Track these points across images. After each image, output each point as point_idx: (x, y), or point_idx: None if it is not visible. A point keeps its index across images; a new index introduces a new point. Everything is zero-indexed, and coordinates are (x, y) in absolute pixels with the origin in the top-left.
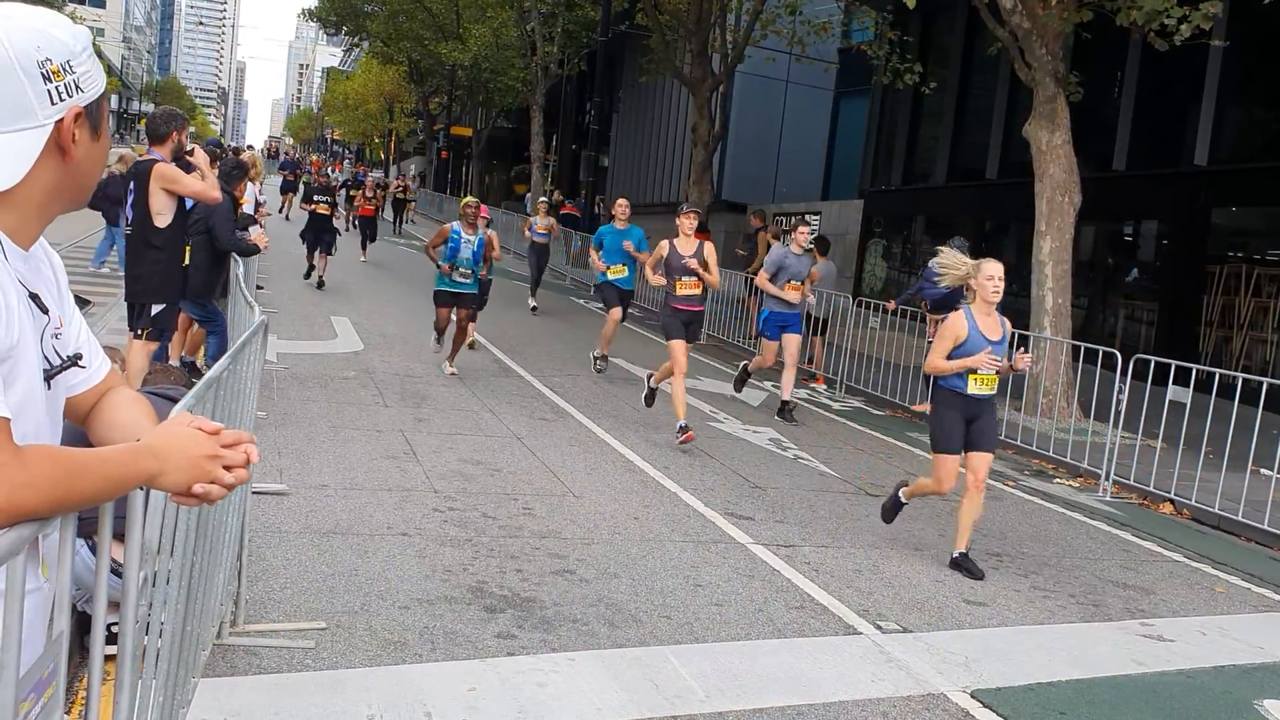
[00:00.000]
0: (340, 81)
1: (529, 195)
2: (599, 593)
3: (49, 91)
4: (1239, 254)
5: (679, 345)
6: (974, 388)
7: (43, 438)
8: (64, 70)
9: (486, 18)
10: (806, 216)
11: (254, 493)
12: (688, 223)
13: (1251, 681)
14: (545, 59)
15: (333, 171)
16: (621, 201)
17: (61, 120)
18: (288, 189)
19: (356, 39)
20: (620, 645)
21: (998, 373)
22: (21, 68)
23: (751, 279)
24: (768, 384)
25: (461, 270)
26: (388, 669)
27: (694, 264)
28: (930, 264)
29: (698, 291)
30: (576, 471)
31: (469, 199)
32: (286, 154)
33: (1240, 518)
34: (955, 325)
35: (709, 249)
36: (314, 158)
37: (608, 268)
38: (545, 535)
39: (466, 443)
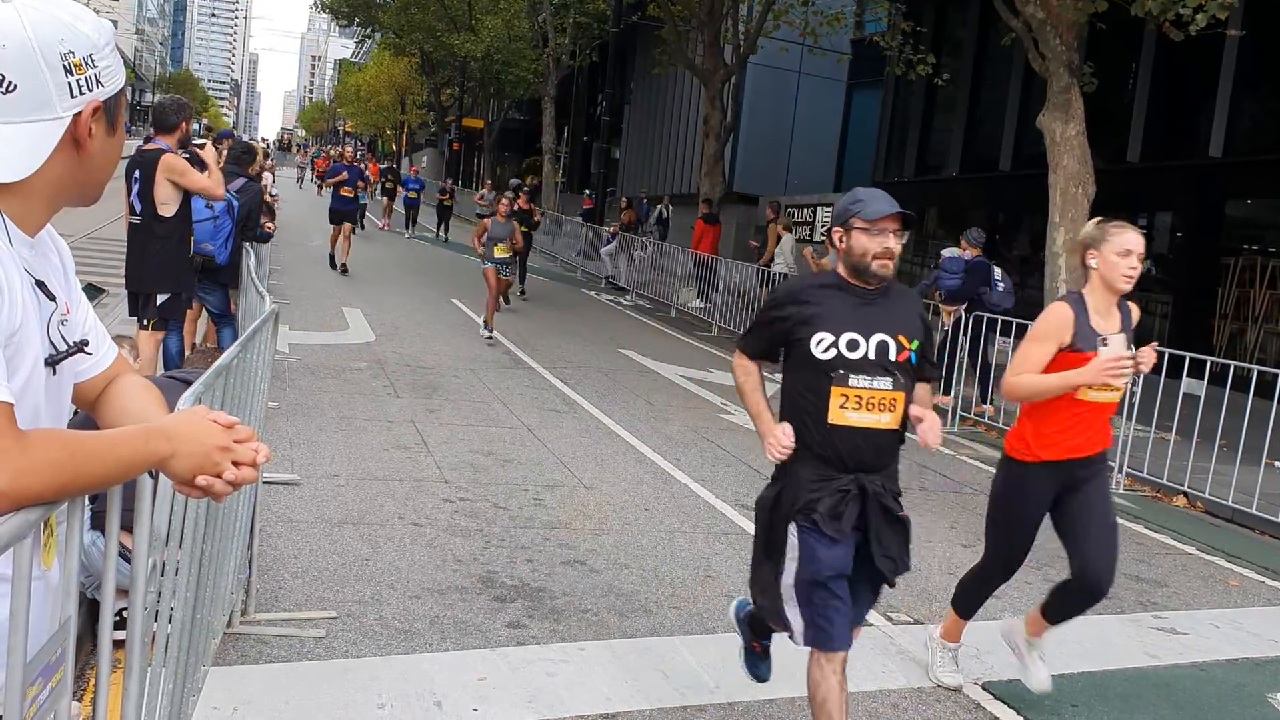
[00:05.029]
0: (352, 73)
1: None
2: (609, 583)
3: (69, 84)
4: (1254, 246)
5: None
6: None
7: (41, 423)
8: (86, 64)
9: (498, 9)
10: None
11: (265, 482)
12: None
13: (1265, 675)
14: (557, 50)
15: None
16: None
17: (79, 114)
18: (344, 214)
19: (368, 31)
20: (630, 635)
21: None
22: (44, 58)
23: (764, 270)
24: (777, 376)
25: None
26: (398, 658)
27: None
28: (943, 254)
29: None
30: (587, 463)
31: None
32: (341, 155)
33: (1254, 511)
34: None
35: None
36: (376, 159)
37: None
38: (556, 526)
39: (478, 434)
